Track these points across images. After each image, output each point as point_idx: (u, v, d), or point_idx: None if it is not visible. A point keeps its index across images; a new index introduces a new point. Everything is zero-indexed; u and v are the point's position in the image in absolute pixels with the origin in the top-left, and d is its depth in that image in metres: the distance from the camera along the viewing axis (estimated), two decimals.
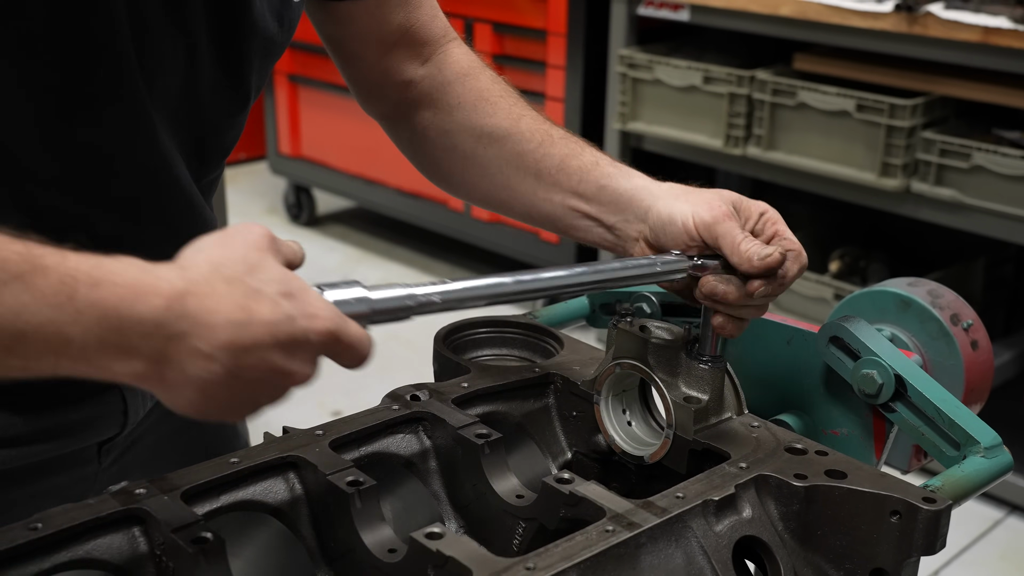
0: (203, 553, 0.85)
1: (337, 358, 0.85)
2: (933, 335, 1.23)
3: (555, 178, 1.16)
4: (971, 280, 3.39)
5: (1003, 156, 2.85)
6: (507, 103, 1.22)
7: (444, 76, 1.25)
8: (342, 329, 0.82)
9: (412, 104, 1.27)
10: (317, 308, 0.81)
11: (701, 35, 3.69)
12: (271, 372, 0.80)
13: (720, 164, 3.55)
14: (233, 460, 0.98)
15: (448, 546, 0.83)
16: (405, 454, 1.08)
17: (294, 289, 0.81)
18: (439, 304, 0.91)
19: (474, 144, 1.22)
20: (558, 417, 1.18)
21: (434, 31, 1.27)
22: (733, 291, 1.02)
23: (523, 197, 1.19)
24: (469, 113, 1.22)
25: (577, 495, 0.93)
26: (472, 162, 1.23)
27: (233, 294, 0.78)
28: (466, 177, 1.25)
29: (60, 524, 0.87)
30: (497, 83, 1.25)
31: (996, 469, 1.05)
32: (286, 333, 0.79)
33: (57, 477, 1.15)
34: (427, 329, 1.09)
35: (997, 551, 3.01)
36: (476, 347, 1.26)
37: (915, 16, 2.90)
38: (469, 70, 1.26)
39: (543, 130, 1.19)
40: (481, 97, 1.23)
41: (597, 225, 1.14)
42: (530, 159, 1.18)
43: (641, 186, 1.11)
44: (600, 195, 1.13)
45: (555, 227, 1.19)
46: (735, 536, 0.94)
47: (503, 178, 1.20)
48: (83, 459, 1.18)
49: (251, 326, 0.78)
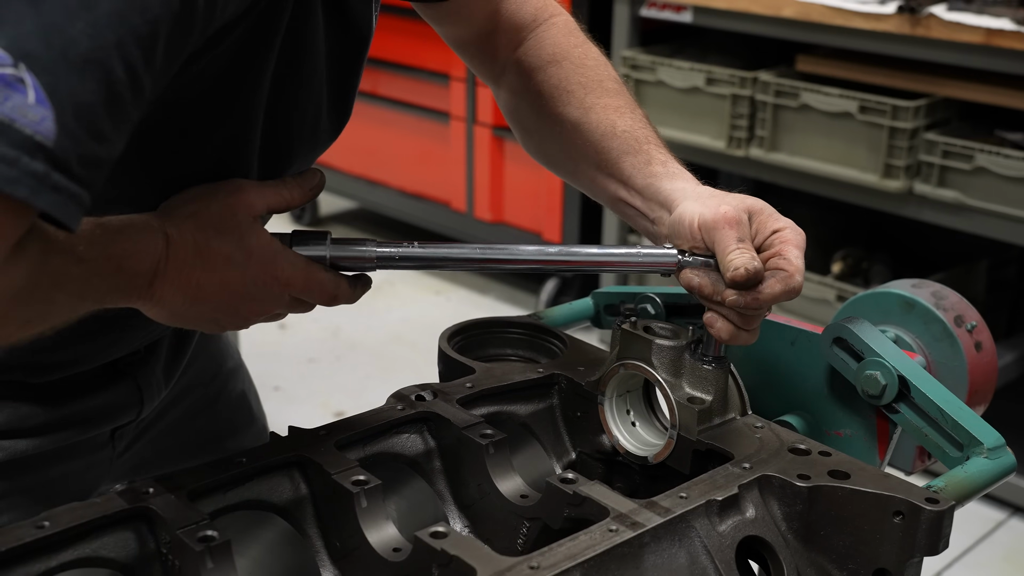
0: (209, 552, 0.85)
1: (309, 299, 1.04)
2: (937, 337, 1.24)
3: (610, 170, 1.22)
4: (974, 282, 3.39)
5: (1006, 158, 2.86)
6: (581, 93, 1.28)
7: (532, 63, 1.32)
8: (308, 288, 1.02)
9: (504, 86, 1.35)
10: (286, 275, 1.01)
11: (704, 36, 3.69)
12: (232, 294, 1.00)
13: (723, 165, 3.55)
14: (239, 460, 0.98)
15: (453, 545, 0.84)
16: (410, 454, 1.08)
17: (251, 246, 0.99)
18: (397, 260, 1.04)
19: (550, 129, 1.29)
20: (562, 417, 1.18)
21: (523, 16, 1.33)
22: (708, 285, 1.04)
23: (587, 181, 1.27)
24: (547, 101, 1.29)
25: (581, 495, 0.93)
26: (549, 144, 1.31)
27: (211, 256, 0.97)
28: (547, 156, 1.34)
29: (67, 522, 0.87)
30: (579, 69, 1.30)
31: (999, 470, 1.05)
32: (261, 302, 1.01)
33: (72, 463, 1.21)
34: (429, 331, 1.10)
35: (1000, 553, 3.00)
36: (481, 347, 1.26)
37: (918, 18, 2.90)
38: (554, 57, 1.31)
39: (608, 122, 1.24)
40: (559, 87, 1.28)
41: (642, 217, 1.19)
42: (592, 150, 1.24)
43: (680, 188, 1.15)
44: (645, 192, 1.18)
45: (613, 210, 1.26)
46: (738, 536, 0.95)
47: (572, 163, 1.28)
48: (97, 445, 1.24)
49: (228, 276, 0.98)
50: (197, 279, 0.96)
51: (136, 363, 1.23)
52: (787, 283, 1.02)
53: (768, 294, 1.02)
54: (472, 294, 4.45)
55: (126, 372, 1.23)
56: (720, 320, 1.05)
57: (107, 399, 1.21)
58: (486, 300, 4.39)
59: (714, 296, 1.04)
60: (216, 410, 1.41)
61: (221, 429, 1.42)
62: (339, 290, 1.04)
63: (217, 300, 0.98)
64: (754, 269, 1.01)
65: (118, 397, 1.22)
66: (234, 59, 0.98)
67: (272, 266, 1.00)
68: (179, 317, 0.99)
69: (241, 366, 1.49)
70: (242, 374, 1.49)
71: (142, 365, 1.24)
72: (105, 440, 1.25)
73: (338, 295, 1.04)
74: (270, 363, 3.90)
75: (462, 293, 4.47)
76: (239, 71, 1.00)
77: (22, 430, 1.15)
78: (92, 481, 1.26)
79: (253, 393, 1.51)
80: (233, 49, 0.97)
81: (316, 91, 1.12)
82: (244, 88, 1.02)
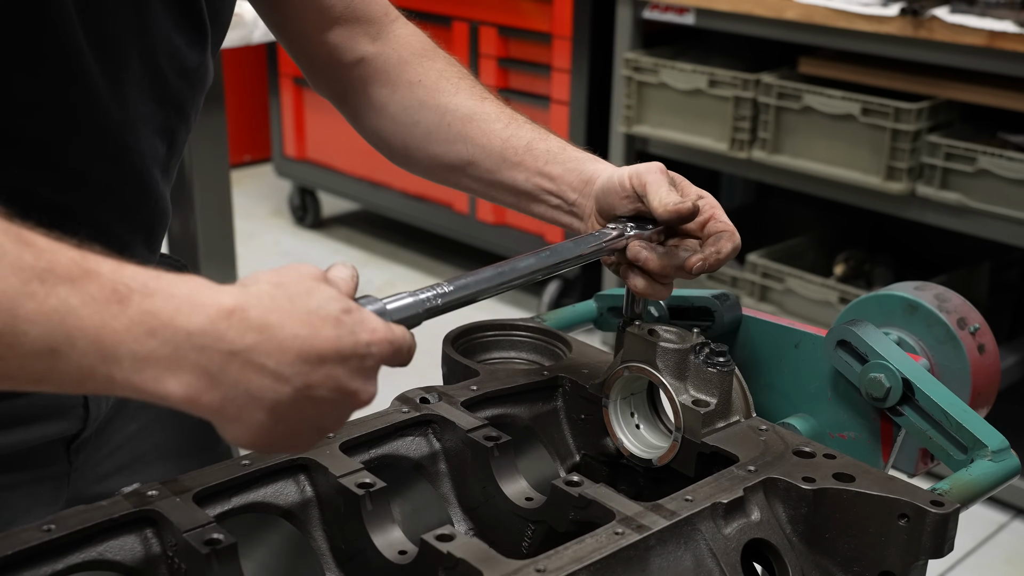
0: (215, 555, 0.86)
1: (391, 364, 0.84)
2: (940, 339, 1.24)
3: (521, 158, 1.22)
4: (976, 284, 3.39)
5: (1008, 160, 2.86)
6: (468, 84, 1.28)
7: (399, 54, 1.30)
8: (395, 338, 0.82)
9: (366, 80, 1.31)
10: (374, 323, 0.81)
11: (706, 39, 3.70)
12: (338, 390, 0.77)
13: (725, 167, 3.56)
14: (244, 462, 0.98)
15: (459, 548, 0.84)
16: (415, 456, 1.08)
17: (351, 306, 0.80)
18: (440, 306, 0.96)
19: (438, 121, 1.26)
20: (567, 420, 1.18)
21: (375, 9, 1.31)
22: (655, 259, 1.09)
23: (486, 173, 1.25)
24: (431, 91, 1.27)
25: (587, 498, 0.94)
26: (435, 137, 1.27)
27: (296, 310, 0.76)
28: (427, 152, 1.28)
29: (73, 525, 0.87)
30: (453, 64, 1.31)
31: (1003, 473, 1.05)
32: (350, 346, 0.78)
33: (21, 473, 1.13)
34: (431, 332, 1.10)
35: (1002, 555, 3.00)
36: (484, 350, 1.26)
37: (920, 20, 2.90)
38: (423, 50, 1.31)
39: (508, 113, 1.26)
40: (443, 76, 1.28)
41: (559, 201, 1.21)
42: (496, 139, 1.23)
43: (601, 168, 1.18)
44: (566, 176, 1.19)
45: (515, 203, 1.24)
46: (744, 539, 0.95)
47: (467, 155, 1.25)
48: (50, 457, 1.16)
49: (317, 340, 0.76)
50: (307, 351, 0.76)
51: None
52: (733, 240, 1.10)
53: (725, 253, 1.09)
54: None
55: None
56: (640, 278, 1.11)
57: (48, 400, 1.11)
58: (488, 301, 4.37)
59: (663, 271, 1.09)
60: (175, 428, 1.32)
61: (180, 447, 1.32)
62: (409, 344, 0.86)
63: (329, 377, 0.77)
64: (689, 206, 1.08)
65: (60, 400, 1.13)
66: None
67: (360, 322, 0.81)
68: (277, 420, 0.76)
69: None
70: None
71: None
72: (59, 453, 1.17)
73: (410, 350, 0.86)
74: None
75: None
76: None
77: None
78: (50, 496, 1.17)
79: None
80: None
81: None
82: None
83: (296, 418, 0.76)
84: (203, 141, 3.00)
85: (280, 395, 0.74)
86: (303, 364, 0.75)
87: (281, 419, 0.75)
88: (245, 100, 5.64)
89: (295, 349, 0.74)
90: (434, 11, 4.27)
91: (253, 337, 0.73)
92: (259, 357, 0.73)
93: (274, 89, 4.95)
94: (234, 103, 5.31)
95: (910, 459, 1.22)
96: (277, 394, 0.74)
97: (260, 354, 0.73)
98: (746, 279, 3.52)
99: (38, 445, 1.15)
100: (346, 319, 0.79)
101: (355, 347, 0.78)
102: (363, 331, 0.79)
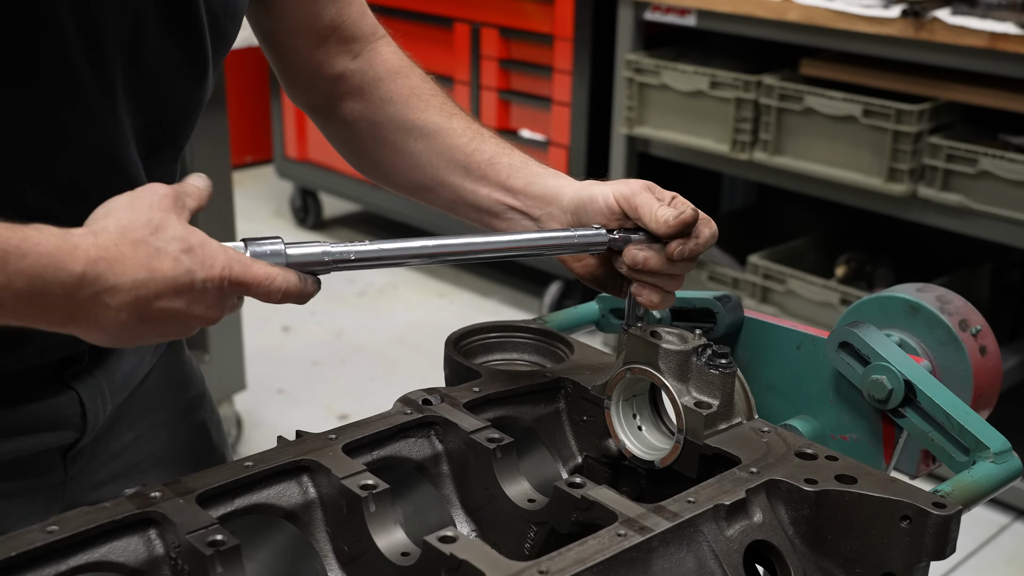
0: (219, 556, 0.86)
1: (248, 294, 0.96)
2: (942, 341, 1.24)
3: (484, 172, 1.24)
4: (977, 285, 3.39)
5: (1009, 161, 2.86)
6: (438, 101, 1.30)
7: (376, 72, 1.32)
8: (238, 273, 0.94)
9: (342, 96, 1.34)
10: (214, 258, 0.93)
11: (708, 40, 3.70)
12: (174, 316, 0.93)
13: (726, 169, 3.56)
14: (247, 464, 0.99)
15: (462, 549, 0.84)
16: (417, 458, 1.08)
17: (194, 244, 0.92)
18: (353, 261, 1.02)
19: (404, 137, 1.29)
20: (569, 422, 1.19)
21: (363, 28, 1.33)
22: (654, 256, 1.11)
23: (450, 188, 1.27)
24: (400, 108, 1.30)
25: (589, 499, 0.94)
26: (401, 153, 1.30)
27: (138, 255, 0.90)
28: (394, 167, 1.31)
29: (76, 527, 0.88)
30: (427, 82, 1.33)
31: (1005, 474, 1.05)
32: (185, 284, 0.92)
33: (19, 481, 1.15)
34: (433, 333, 1.11)
35: (1004, 556, 3.01)
36: (486, 352, 1.26)
37: (922, 22, 2.90)
38: (399, 69, 1.33)
39: (474, 128, 1.28)
40: (413, 94, 1.31)
41: (524, 217, 1.22)
42: (460, 153, 1.26)
43: (565, 183, 1.20)
44: (528, 190, 1.21)
45: (479, 218, 1.26)
46: (746, 540, 0.95)
47: (432, 170, 1.28)
48: (47, 466, 1.18)
49: (153, 282, 0.90)
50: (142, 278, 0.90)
51: (80, 373, 1.17)
52: (710, 226, 1.11)
53: (704, 238, 1.10)
54: (475, 297, 4.46)
55: (69, 385, 1.16)
56: (651, 290, 1.12)
57: (47, 412, 1.15)
58: (490, 303, 4.39)
59: (660, 267, 1.10)
60: (171, 439, 1.34)
61: (176, 456, 1.34)
62: (289, 284, 0.97)
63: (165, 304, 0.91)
64: (693, 210, 1.09)
65: (59, 411, 1.16)
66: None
67: (220, 262, 0.93)
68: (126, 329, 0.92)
69: (204, 394, 1.42)
70: (205, 403, 1.42)
71: (86, 376, 1.17)
72: (56, 462, 1.18)
73: (289, 289, 0.98)
74: (274, 366, 3.91)
75: (465, 296, 4.47)
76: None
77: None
78: (46, 505, 1.19)
79: (215, 422, 1.43)
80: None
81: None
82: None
83: (134, 335, 0.94)
84: (204, 142, 3.00)
85: (119, 324, 0.91)
86: (137, 304, 0.90)
87: (120, 336, 0.93)
88: (247, 101, 5.65)
89: (133, 293, 0.90)
90: (436, 12, 4.27)
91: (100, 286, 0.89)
92: (105, 298, 0.90)
93: (276, 90, 4.95)
94: (236, 104, 5.31)
95: (912, 461, 1.22)
96: (119, 323, 0.91)
97: (105, 296, 0.90)
98: (747, 280, 3.52)
99: (35, 454, 1.16)
100: (184, 258, 0.92)
101: (191, 284, 0.92)
102: (200, 269, 0.92)
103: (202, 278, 0.92)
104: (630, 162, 3.69)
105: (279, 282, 0.96)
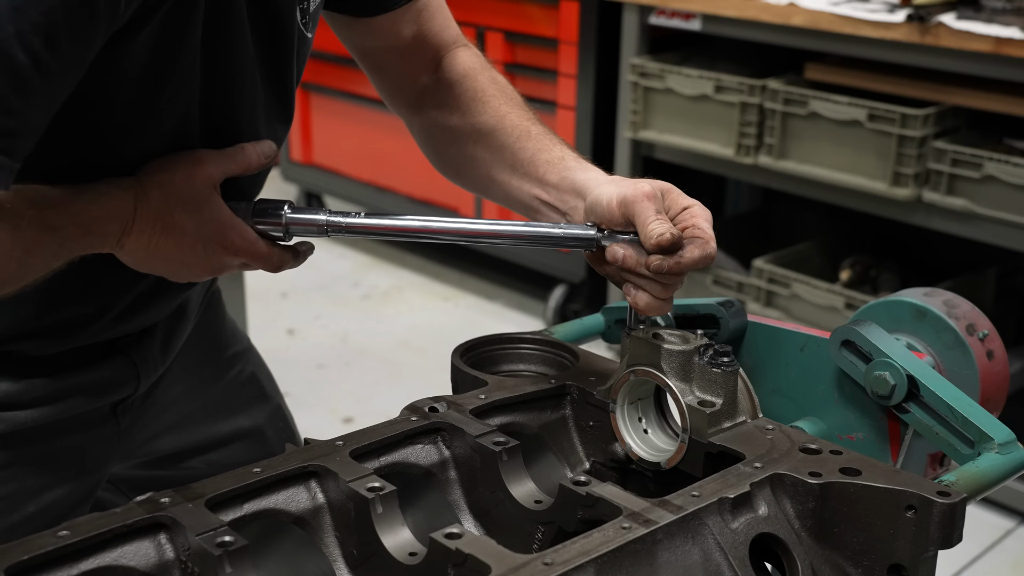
0: (228, 556, 0.86)
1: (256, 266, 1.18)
2: (949, 345, 1.24)
3: (526, 169, 1.29)
4: (983, 290, 3.39)
5: (1015, 166, 2.86)
6: (496, 102, 1.36)
7: (448, 78, 1.40)
8: (258, 253, 1.16)
9: (423, 104, 1.42)
10: (241, 251, 1.15)
11: (712, 44, 3.70)
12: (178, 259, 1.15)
13: (731, 173, 3.56)
14: (255, 470, 0.99)
15: (467, 544, 0.85)
16: (424, 464, 1.09)
17: (230, 242, 1.14)
18: (344, 228, 1.17)
19: (466, 140, 1.37)
20: (575, 427, 1.19)
21: (444, 39, 1.42)
22: (632, 256, 1.12)
23: (502, 186, 1.33)
24: (464, 113, 1.37)
25: (594, 495, 0.94)
26: (465, 155, 1.38)
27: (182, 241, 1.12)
28: (461, 168, 1.40)
29: (87, 531, 0.88)
30: (493, 83, 1.40)
31: (1011, 465, 1.06)
32: (218, 267, 1.17)
33: (75, 436, 1.28)
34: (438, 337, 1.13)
35: (1008, 561, 3.00)
36: (493, 363, 1.27)
37: (927, 26, 2.91)
38: (468, 72, 1.40)
39: (523, 127, 1.33)
40: (475, 98, 1.37)
41: (555, 212, 1.26)
42: (508, 152, 1.32)
43: (592, 177, 1.23)
44: (560, 185, 1.25)
45: (525, 213, 1.32)
46: (751, 533, 0.95)
47: (487, 169, 1.35)
48: (99, 419, 1.30)
49: (194, 267, 1.16)
50: (157, 241, 1.11)
51: (131, 343, 1.30)
52: (704, 248, 1.11)
53: (689, 259, 1.09)
54: (480, 300, 4.46)
55: (122, 351, 1.29)
56: (639, 291, 1.13)
57: (104, 374, 1.28)
58: (494, 306, 4.40)
59: (637, 267, 1.11)
60: (222, 389, 1.48)
61: (231, 407, 1.49)
62: (282, 260, 1.19)
63: (173, 258, 1.14)
64: (676, 235, 1.09)
65: (114, 372, 1.29)
66: (154, 52, 1.05)
67: (222, 237, 1.14)
68: (143, 266, 1.15)
69: (250, 349, 1.57)
70: (252, 357, 1.56)
71: (137, 344, 1.31)
72: (107, 414, 1.31)
73: (282, 264, 1.19)
74: (278, 369, 3.88)
75: (470, 299, 4.48)
76: (161, 64, 1.07)
77: (22, 402, 1.22)
78: (100, 455, 1.32)
79: (265, 374, 1.58)
80: (151, 43, 1.04)
81: (249, 83, 1.19)
82: (171, 84, 1.09)
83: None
84: None
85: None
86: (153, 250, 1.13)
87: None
88: None
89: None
90: None
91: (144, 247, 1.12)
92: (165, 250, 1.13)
93: None
94: None
95: (919, 465, 1.23)
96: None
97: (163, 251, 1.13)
98: (752, 284, 3.52)
99: (87, 411, 1.28)
100: (216, 260, 1.15)
101: (221, 269, 1.18)
102: (230, 264, 1.16)
103: (228, 264, 1.16)
104: (635, 166, 3.69)
105: (274, 259, 1.18)
